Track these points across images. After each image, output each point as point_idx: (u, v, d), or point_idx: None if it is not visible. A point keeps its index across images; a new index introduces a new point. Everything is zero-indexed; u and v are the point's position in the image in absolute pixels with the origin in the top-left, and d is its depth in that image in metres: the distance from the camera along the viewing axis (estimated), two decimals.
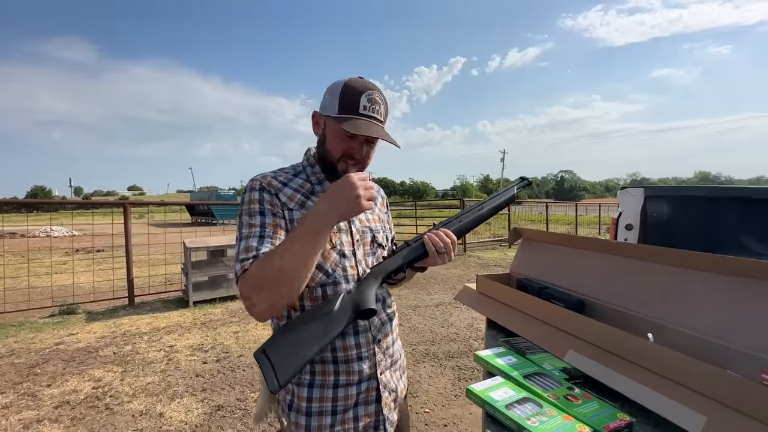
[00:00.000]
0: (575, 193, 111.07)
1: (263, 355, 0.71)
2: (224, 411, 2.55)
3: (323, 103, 0.92)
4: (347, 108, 0.87)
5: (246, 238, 0.83)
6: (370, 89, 0.88)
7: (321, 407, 0.88)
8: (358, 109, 0.87)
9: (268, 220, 0.85)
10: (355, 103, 0.86)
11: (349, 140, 0.89)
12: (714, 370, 0.69)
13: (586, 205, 23.60)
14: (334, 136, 0.90)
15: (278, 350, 0.72)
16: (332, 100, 0.89)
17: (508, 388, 0.81)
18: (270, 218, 0.86)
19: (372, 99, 0.88)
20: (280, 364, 0.70)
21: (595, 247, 1.20)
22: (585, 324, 0.97)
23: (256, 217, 0.85)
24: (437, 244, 0.90)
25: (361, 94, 0.87)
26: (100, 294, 5.22)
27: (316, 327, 0.76)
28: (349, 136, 0.88)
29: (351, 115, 0.86)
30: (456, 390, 2.88)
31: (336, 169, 0.92)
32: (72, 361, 3.30)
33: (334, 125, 0.88)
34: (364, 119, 0.87)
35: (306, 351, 0.72)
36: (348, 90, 0.87)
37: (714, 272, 0.86)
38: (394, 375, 1.01)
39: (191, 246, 5.02)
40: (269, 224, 0.85)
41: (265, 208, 0.87)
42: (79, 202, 12.11)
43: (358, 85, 0.88)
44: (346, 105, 0.87)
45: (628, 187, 2.53)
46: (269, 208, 0.87)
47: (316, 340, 0.74)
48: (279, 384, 0.68)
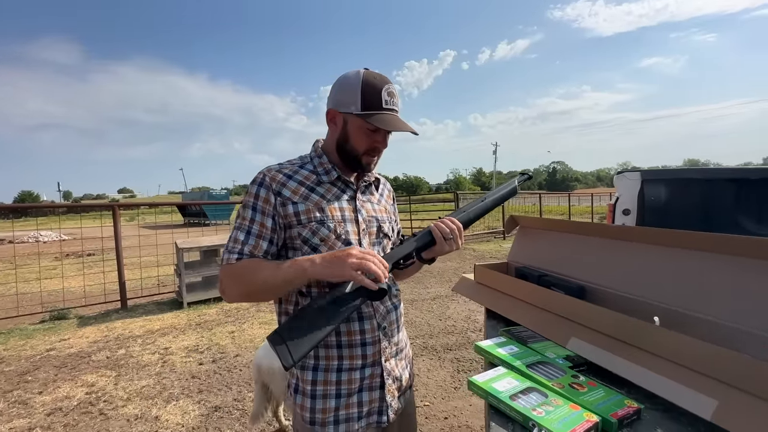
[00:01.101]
0: (567, 184, 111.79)
1: (277, 336, 0.73)
2: (221, 412, 2.52)
3: (338, 99, 0.93)
4: (371, 104, 0.89)
5: (237, 229, 0.91)
6: (387, 83, 0.91)
7: (325, 390, 0.90)
8: (381, 104, 0.89)
9: (257, 218, 0.90)
10: (377, 98, 0.89)
11: (373, 134, 0.92)
12: (723, 352, 0.67)
13: (579, 195, 23.78)
14: (358, 132, 0.92)
15: (291, 330, 0.74)
16: (352, 97, 0.90)
17: (512, 378, 0.79)
18: (259, 216, 0.90)
19: (391, 92, 0.91)
20: (294, 341, 0.72)
21: (594, 231, 1.17)
22: (587, 310, 0.95)
23: (249, 211, 0.91)
24: (444, 230, 0.93)
25: (382, 89, 0.89)
26: (92, 298, 5.14)
27: (329, 308, 0.78)
28: (372, 130, 0.91)
29: (375, 111, 0.89)
30: (455, 382, 2.87)
31: (361, 162, 0.96)
32: (64, 367, 3.24)
33: (359, 122, 0.91)
34: (389, 113, 0.90)
35: (319, 329, 0.75)
36: (368, 86, 0.89)
37: (718, 252, 0.84)
38: (399, 363, 1.01)
39: (183, 246, 4.95)
40: (257, 221, 0.90)
41: (258, 205, 0.91)
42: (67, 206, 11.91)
43: (377, 80, 0.90)
44: (369, 101, 0.89)
45: (625, 172, 2.51)
46: (262, 205, 0.91)
47: (329, 320, 0.77)
48: (293, 359, 0.70)
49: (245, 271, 0.86)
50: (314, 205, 0.92)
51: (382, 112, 0.89)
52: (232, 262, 0.87)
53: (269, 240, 0.90)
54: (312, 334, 0.73)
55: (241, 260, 0.87)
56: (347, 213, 0.95)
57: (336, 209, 0.94)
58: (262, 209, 0.90)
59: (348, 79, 0.91)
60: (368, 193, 1.04)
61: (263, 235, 0.90)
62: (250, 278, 0.85)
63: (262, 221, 0.90)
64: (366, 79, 0.89)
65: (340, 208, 0.94)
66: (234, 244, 0.89)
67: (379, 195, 1.08)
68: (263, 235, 0.90)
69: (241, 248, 0.88)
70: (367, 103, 0.88)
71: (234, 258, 0.87)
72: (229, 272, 0.87)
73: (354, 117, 0.90)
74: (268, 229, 0.90)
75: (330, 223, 0.91)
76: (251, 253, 0.88)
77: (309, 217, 0.90)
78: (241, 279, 0.86)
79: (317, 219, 0.91)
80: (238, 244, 0.88)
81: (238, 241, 0.89)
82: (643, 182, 2.37)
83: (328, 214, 0.92)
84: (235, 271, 0.86)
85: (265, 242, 0.89)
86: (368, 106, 0.88)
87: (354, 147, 0.94)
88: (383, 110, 0.89)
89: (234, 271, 0.86)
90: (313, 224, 0.90)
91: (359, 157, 0.95)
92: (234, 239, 0.90)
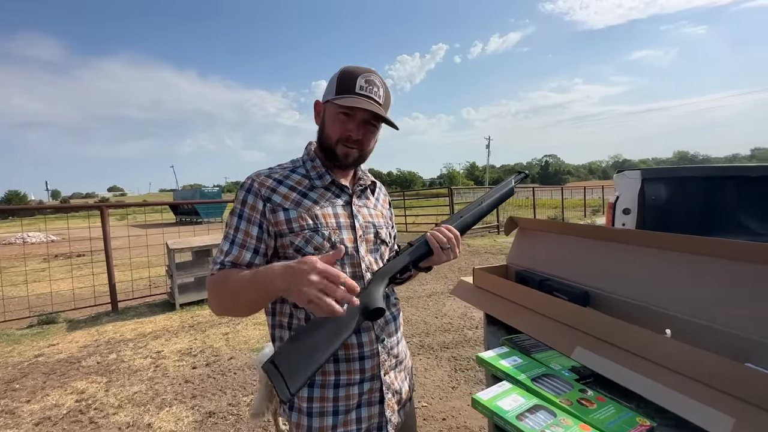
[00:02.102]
0: (560, 177, 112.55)
1: (272, 366, 0.69)
2: (216, 417, 2.47)
3: (324, 92, 0.93)
4: (344, 89, 0.87)
5: (224, 238, 0.88)
6: (366, 71, 0.89)
7: (322, 407, 0.86)
8: (355, 89, 0.86)
9: (242, 226, 0.87)
10: (351, 83, 0.86)
11: (345, 121, 0.88)
12: (741, 368, 0.64)
13: (571, 189, 23.91)
14: (331, 119, 0.90)
15: (287, 359, 0.70)
16: (331, 86, 0.90)
17: (517, 395, 0.75)
18: (244, 224, 0.87)
19: (369, 80, 0.88)
20: (290, 372, 0.68)
21: (597, 234, 1.14)
22: (592, 318, 0.91)
23: (234, 218, 0.88)
24: (440, 239, 0.88)
25: (358, 75, 0.87)
26: (82, 301, 5.03)
27: (324, 333, 0.73)
28: (345, 114, 0.87)
29: (347, 95, 0.86)
30: (453, 382, 2.85)
31: (335, 153, 0.91)
32: (53, 374, 3.16)
33: (332, 108, 0.88)
34: (360, 97, 0.86)
35: (316, 357, 0.70)
36: (345, 73, 0.88)
37: (730, 259, 0.80)
38: (399, 376, 0.97)
39: (174, 247, 4.86)
40: (242, 230, 0.87)
41: (244, 212, 0.87)
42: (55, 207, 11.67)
43: (355, 68, 0.89)
44: (343, 86, 0.87)
45: (625, 170, 2.48)
46: (248, 213, 0.87)
47: (325, 346, 0.72)
48: (290, 392, 0.66)
49: (222, 283, 0.81)
50: (307, 212, 0.87)
51: (353, 96, 0.86)
52: (214, 272, 0.84)
53: (254, 250, 0.85)
54: (309, 362, 0.68)
55: (221, 270, 0.83)
56: (342, 219, 0.91)
57: (330, 215, 0.89)
58: (248, 217, 0.86)
59: (335, 73, 0.91)
60: (364, 198, 1.00)
61: (247, 244, 0.85)
62: (224, 290, 0.81)
63: (247, 230, 0.86)
64: (345, 68, 0.89)
65: (334, 214, 0.90)
66: (218, 254, 0.86)
67: (375, 200, 1.04)
68: (247, 245, 0.85)
69: (223, 258, 0.84)
70: (341, 88, 0.87)
71: (216, 269, 0.84)
72: (209, 284, 0.84)
73: (329, 104, 0.89)
74: (253, 238, 0.85)
75: (324, 231, 0.86)
76: (233, 264, 0.84)
77: (301, 224, 0.86)
78: (218, 291, 0.82)
79: (310, 226, 0.86)
80: (221, 255, 0.85)
81: (222, 252, 0.85)
82: (643, 181, 2.34)
83: (322, 221, 0.87)
84: (214, 281, 0.83)
85: (248, 252, 0.85)
86: (342, 91, 0.87)
87: (328, 135, 0.91)
88: (355, 94, 0.86)
89: (213, 281, 0.83)
90: (306, 232, 0.85)
91: (333, 146, 0.90)
92: (220, 249, 0.87)
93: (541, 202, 17.33)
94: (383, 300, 0.79)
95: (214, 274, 0.83)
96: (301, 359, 0.68)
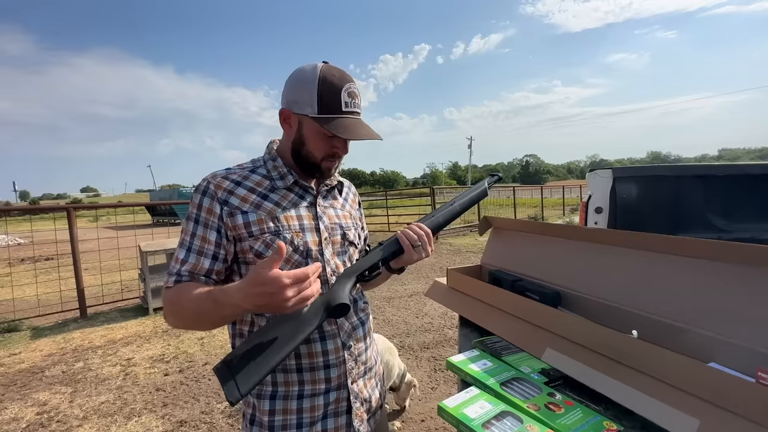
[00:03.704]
0: (540, 177, 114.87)
1: (224, 366, 0.65)
2: (187, 426, 2.37)
3: (291, 96, 0.82)
4: (329, 107, 0.79)
5: (179, 246, 0.82)
6: (347, 81, 0.82)
7: (285, 420, 0.81)
8: (341, 107, 0.80)
9: (198, 231, 0.81)
10: (335, 100, 0.79)
11: (332, 140, 0.84)
12: (707, 369, 0.63)
13: (551, 188, 24.41)
14: (316, 138, 0.83)
15: (240, 358, 0.65)
16: (307, 97, 0.80)
17: (485, 401, 0.72)
18: (201, 229, 0.81)
19: (352, 93, 0.82)
20: (242, 371, 0.63)
21: (570, 234, 1.13)
22: (561, 319, 0.90)
23: (191, 224, 0.83)
24: (411, 237, 0.86)
25: (341, 89, 0.80)
26: (48, 307, 4.78)
27: (283, 331, 0.69)
28: (330, 135, 0.82)
29: (334, 115, 0.80)
30: (432, 383, 2.83)
31: (320, 168, 0.87)
32: (12, 385, 2.98)
33: (315, 126, 0.81)
34: (349, 117, 0.81)
35: (271, 356, 0.66)
36: (326, 86, 0.79)
37: (698, 257, 0.80)
38: (369, 383, 0.93)
39: (147, 250, 4.68)
40: (199, 236, 0.81)
41: (200, 216, 0.82)
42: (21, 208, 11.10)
43: (336, 78, 0.80)
44: (327, 103, 0.79)
45: (597, 169, 2.51)
46: (205, 217, 0.82)
47: (283, 345, 0.67)
48: (240, 393, 0.61)
49: (178, 299, 0.76)
50: (267, 214, 0.82)
51: (342, 116, 0.80)
52: (170, 285, 0.79)
53: (212, 256, 0.80)
54: (264, 362, 0.64)
55: (179, 283, 0.78)
56: (306, 221, 0.86)
57: (293, 218, 0.84)
58: (205, 221, 0.81)
59: (304, 75, 0.81)
60: (330, 198, 0.95)
61: (204, 251, 0.81)
62: (182, 309, 0.76)
63: (204, 235, 0.81)
64: (324, 76, 0.79)
65: (297, 216, 0.85)
66: (174, 264, 0.81)
67: (342, 200, 0.99)
68: (204, 252, 0.81)
69: (179, 268, 0.79)
70: (324, 105, 0.79)
71: (172, 281, 0.79)
72: (166, 298, 0.78)
73: (310, 120, 0.81)
74: (212, 244, 0.81)
75: (286, 234, 0.82)
76: (191, 273, 0.79)
77: (261, 228, 0.81)
78: (176, 307, 0.77)
79: (271, 230, 0.81)
80: (177, 264, 0.80)
81: (178, 260, 0.81)
82: (614, 180, 2.38)
83: (284, 223, 0.82)
84: (170, 297, 0.78)
85: (207, 260, 0.80)
86: (326, 109, 0.79)
87: (311, 152, 0.85)
88: (343, 114, 0.80)
89: (170, 297, 0.78)
90: (267, 236, 0.80)
91: (318, 163, 0.86)
92: (175, 258, 0.81)
93: (521, 201, 17.63)
94: (350, 301, 0.75)
95: (170, 287, 0.79)
96: (255, 359, 0.64)
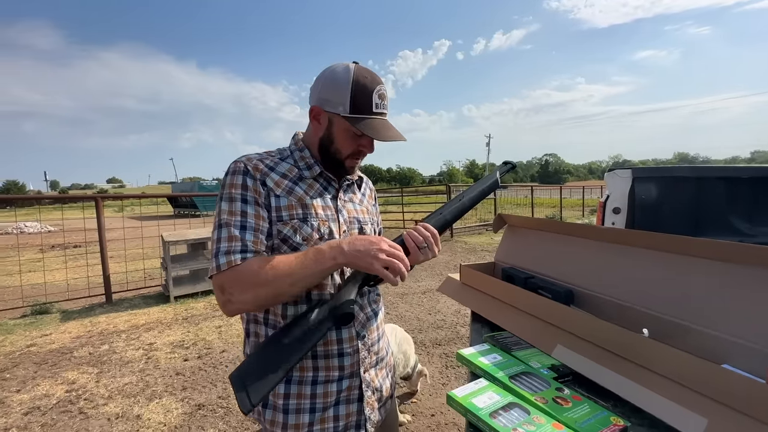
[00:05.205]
0: (559, 176, 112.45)
1: (238, 376, 0.68)
2: (205, 410, 2.47)
3: (324, 95, 0.84)
4: (360, 108, 0.82)
5: (227, 226, 0.78)
6: (378, 83, 0.84)
7: (299, 404, 0.84)
8: (372, 108, 0.83)
9: (250, 210, 0.80)
10: (367, 102, 0.82)
11: (359, 138, 0.87)
12: (716, 369, 0.63)
13: (570, 188, 23.88)
14: (344, 135, 0.86)
15: (251, 369, 0.69)
16: (340, 97, 0.82)
17: (493, 392, 0.74)
18: (252, 208, 0.80)
19: (381, 94, 0.84)
20: (253, 382, 0.67)
21: (585, 233, 1.13)
22: (573, 316, 0.91)
23: (237, 203, 0.80)
24: (417, 239, 0.84)
25: (373, 91, 0.83)
26: (76, 292, 5.02)
27: (292, 341, 0.73)
28: (360, 135, 0.85)
29: (365, 115, 0.82)
30: (443, 378, 2.85)
31: (344, 165, 0.90)
32: (44, 364, 3.16)
33: (345, 125, 0.84)
34: (379, 118, 0.84)
35: (282, 365, 0.69)
36: (359, 87, 0.81)
37: (715, 259, 0.79)
38: (380, 373, 0.96)
39: (170, 240, 4.84)
40: (252, 214, 0.80)
41: (248, 195, 0.81)
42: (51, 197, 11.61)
43: (368, 80, 0.83)
44: (359, 104, 0.82)
45: (616, 169, 2.46)
46: (253, 196, 0.81)
47: (291, 354, 0.71)
48: (251, 404, 0.65)
49: (261, 270, 0.73)
50: (297, 201, 0.85)
51: (372, 117, 0.83)
52: (237, 263, 0.74)
53: (268, 233, 0.81)
54: (275, 372, 0.67)
55: (247, 260, 0.75)
56: (330, 212, 0.89)
57: (319, 206, 0.87)
58: (255, 200, 0.81)
59: (336, 75, 0.83)
60: (350, 192, 0.98)
61: (261, 228, 0.80)
62: (271, 275, 0.73)
63: (257, 212, 0.80)
64: (357, 78, 0.81)
65: (323, 206, 0.88)
66: (230, 243, 0.76)
67: (361, 195, 1.02)
68: (261, 229, 0.80)
69: (243, 246, 0.76)
70: (357, 105, 0.81)
71: (238, 258, 0.75)
72: (235, 276, 0.74)
73: (341, 119, 0.83)
74: (266, 221, 0.81)
75: (313, 221, 0.85)
76: (256, 251, 0.78)
77: (291, 213, 0.83)
78: (257, 280, 0.73)
79: (299, 216, 0.84)
80: (236, 242, 0.76)
81: (235, 239, 0.76)
82: (634, 180, 2.32)
83: (312, 211, 0.85)
84: (244, 274, 0.74)
85: (263, 236, 0.80)
86: (358, 110, 0.82)
87: (339, 150, 0.88)
88: (373, 115, 0.83)
89: (242, 274, 0.74)
90: (296, 221, 0.83)
91: (343, 160, 0.89)
92: (228, 238, 0.76)
93: (540, 200, 17.34)
94: (360, 297, 0.78)
95: (238, 264, 0.74)
96: (266, 370, 0.68)
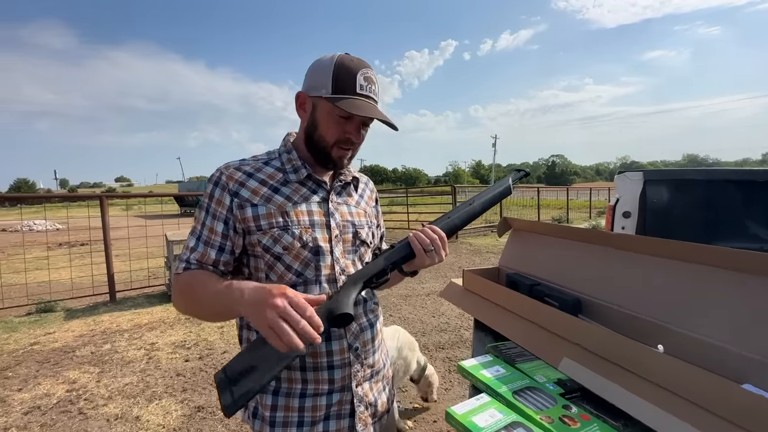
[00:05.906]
0: (566, 178, 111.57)
1: (224, 375, 0.66)
2: (204, 412, 2.44)
3: (309, 82, 0.83)
4: (343, 87, 0.79)
5: (191, 233, 0.84)
6: (365, 67, 0.82)
7: (286, 417, 0.81)
8: (355, 89, 0.79)
9: (207, 221, 0.83)
10: (351, 81, 0.79)
11: (344, 123, 0.82)
12: (736, 389, 0.58)
13: (577, 190, 23.66)
14: (327, 119, 0.82)
15: (237, 370, 0.66)
16: (323, 79, 0.80)
17: (495, 410, 0.70)
18: (210, 220, 0.82)
19: (368, 78, 0.81)
20: (238, 384, 0.64)
21: (594, 239, 1.08)
22: (581, 327, 0.86)
23: (202, 213, 0.84)
24: (423, 241, 0.81)
25: (357, 72, 0.80)
26: (81, 290, 5.04)
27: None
28: (344, 117, 0.81)
29: (347, 95, 0.79)
30: (446, 383, 2.80)
31: (330, 155, 0.85)
32: (46, 363, 3.16)
33: (328, 106, 0.80)
34: (362, 99, 0.80)
35: (269, 368, 0.65)
36: (342, 68, 0.79)
37: (734, 270, 0.74)
38: (375, 387, 0.91)
39: (173, 239, 4.84)
40: (207, 226, 0.83)
41: (210, 206, 0.83)
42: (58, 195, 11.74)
43: (353, 63, 0.81)
44: (342, 84, 0.79)
45: (626, 171, 2.38)
46: (214, 207, 0.83)
47: (281, 358, 0.66)
48: (235, 406, 0.62)
49: (188, 286, 0.79)
50: (277, 209, 0.81)
51: (355, 98, 0.79)
52: (179, 272, 0.81)
53: (219, 248, 0.81)
54: (261, 374, 0.64)
55: (188, 270, 0.80)
56: (317, 217, 0.84)
57: (303, 213, 0.83)
58: (214, 212, 0.82)
59: (321, 61, 0.82)
60: (345, 195, 0.93)
61: (211, 242, 0.82)
62: (192, 295, 0.79)
63: (212, 226, 0.82)
64: (340, 60, 0.80)
65: (308, 212, 0.84)
66: (185, 250, 0.83)
67: (358, 196, 0.97)
68: (211, 242, 0.82)
69: (189, 256, 0.81)
70: (339, 86, 0.78)
71: (181, 267, 0.81)
72: (175, 283, 0.82)
73: (323, 101, 0.80)
74: (219, 235, 0.81)
75: (295, 229, 0.80)
76: (199, 262, 0.81)
77: (270, 222, 0.80)
78: (185, 294, 0.80)
79: (279, 224, 0.80)
80: (187, 251, 0.82)
81: (188, 248, 0.83)
82: (645, 183, 2.23)
83: (293, 218, 0.81)
84: (179, 284, 0.80)
85: (213, 250, 0.81)
86: (340, 90, 0.78)
87: (322, 136, 0.83)
88: (356, 95, 0.79)
89: (178, 283, 0.81)
90: (275, 230, 0.80)
91: (328, 148, 0.84)
92: (186, 244, 0.84)
93: (546, 202, 17.18)
94: (355, 305, 0.74)
95: (180, 273, 0.81)
96: (253, 372, 0.64)
